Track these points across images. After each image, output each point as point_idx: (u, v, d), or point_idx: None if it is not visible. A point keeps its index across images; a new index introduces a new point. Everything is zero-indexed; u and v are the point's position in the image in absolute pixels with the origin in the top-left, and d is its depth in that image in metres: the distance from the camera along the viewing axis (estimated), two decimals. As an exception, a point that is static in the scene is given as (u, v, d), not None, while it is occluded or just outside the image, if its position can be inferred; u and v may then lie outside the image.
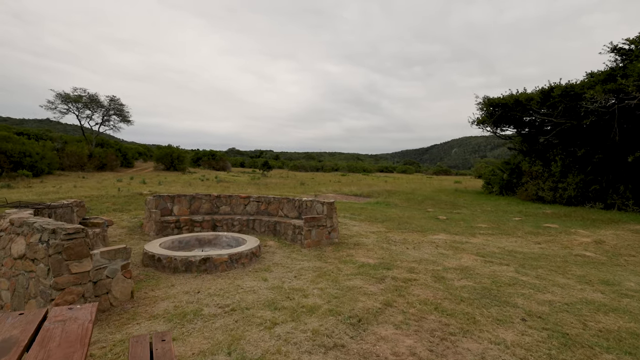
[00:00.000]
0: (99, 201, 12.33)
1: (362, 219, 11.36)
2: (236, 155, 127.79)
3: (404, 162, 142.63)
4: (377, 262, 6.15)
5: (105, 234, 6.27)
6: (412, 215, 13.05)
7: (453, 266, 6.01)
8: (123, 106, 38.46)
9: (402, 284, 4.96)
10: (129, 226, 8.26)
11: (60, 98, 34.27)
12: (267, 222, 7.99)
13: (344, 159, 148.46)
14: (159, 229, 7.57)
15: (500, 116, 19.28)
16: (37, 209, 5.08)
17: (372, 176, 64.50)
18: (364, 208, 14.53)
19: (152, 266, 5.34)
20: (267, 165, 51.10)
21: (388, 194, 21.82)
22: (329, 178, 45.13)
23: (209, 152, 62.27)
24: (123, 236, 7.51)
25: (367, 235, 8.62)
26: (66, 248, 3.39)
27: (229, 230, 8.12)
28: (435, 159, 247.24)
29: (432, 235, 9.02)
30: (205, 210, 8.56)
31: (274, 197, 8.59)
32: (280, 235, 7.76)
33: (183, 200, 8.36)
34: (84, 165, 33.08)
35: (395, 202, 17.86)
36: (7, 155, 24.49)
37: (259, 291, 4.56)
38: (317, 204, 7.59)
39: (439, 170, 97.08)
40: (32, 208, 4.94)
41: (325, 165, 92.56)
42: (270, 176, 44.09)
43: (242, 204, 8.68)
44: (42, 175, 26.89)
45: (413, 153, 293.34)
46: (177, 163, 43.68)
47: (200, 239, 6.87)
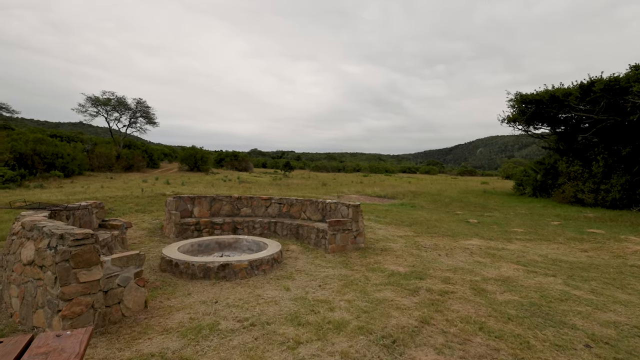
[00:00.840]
0: (122, 202, 12.40)
1: (387, 222, 10.84)
2: (258, 156, 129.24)
3: (427, 162, 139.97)
4: (408, 270, 5.66)
5: (124, 237, 6.09)
6: (440, 218, 12.41)
7: (493, 276, 5.45)
8: (149, 108, 39.38)
9: (439, 297, 4.46)
10: (150, 228, 8.12)
11: (90, 101, 35.43)
12: (289, 225, 7.64)
13: (366, 160, 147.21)
14: (178, 231, 7.37)
15: (534, 113, 18.21)
16: (54, 211, 4.92)
17: (395, 177, 63.40)
18: (389, 210, 13.98)
19: (170, 271, 5.08)
20: (288, 165, 51.13)
21: (413, 196, 21.11)
22: (350, 179, 44.57)
23: (231, 153, 63.04)
24: (143, 238, 7.35)
25: (394, 240, 8.12)
26: (74, 255, 3.13)
27: (250, 233, 7.83)
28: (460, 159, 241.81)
29: (465, 241, 8.41)
30: (226, 212, 8.31)
31: (296, 198, 8.24)
32: (303, 239, 7.39)
33: (203, 202, 8.14)
34: (112, 166, 34.04)
35: (421, 204, 17.17)
36: (41, 156, 25.42)
37: (280, 302, 4.19)
38: (341, 206, 7.17)
39: (464, 170, 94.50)
40: (48, 210, 4.79)
41: (346, 165, 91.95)
42: (292, 177, 44.01)
43: (264, 205, 8.38)
44: (73, 175, 27.78)
45: (436, 153, 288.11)
46: (201, 164, 44.34)
47: (220, 243, 6.60)
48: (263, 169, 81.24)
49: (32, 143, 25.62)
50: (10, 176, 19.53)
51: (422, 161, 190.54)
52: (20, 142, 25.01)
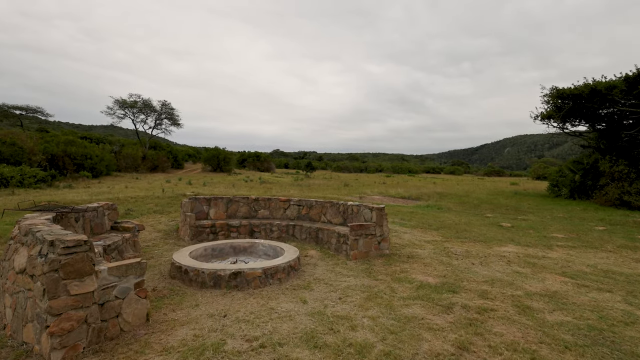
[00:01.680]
0: (143, 202, 12.36)
1: (413, 225, 10.21)
2: (280, 156, 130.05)
3: (451, 162, 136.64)
4: (438, 281, 5.08)
5: (136, 239, 5.83)
6: (470, 221, 11.63)
7: (537, 291, 4.79)
8: (173, 110, 40.10)
9: (477, 315, 3.88)
10: (165, 230, 7.89)
11: (118, 104, 36.42)
12: (309, 229, 7.20)
13: (388, 160, 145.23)
14: (193, 233, 7.07)
15: (571, 109, 16.97)
16: (61, 213, 4.69)
17: (419, 177, 61.92)
18: (414, 212, 13.29)
19: (179, 278, 4.74)
20: (310, 166, 50.87)
21: (439, 197, 20.23)
22: (373, 179, 43.74)
23: (253, 153, 63.50)
24: (157, 240, 7.11)
25: (421, 246, 7.52)
26: (64, 265, 2.80)
27: (267, 236, 7.44)
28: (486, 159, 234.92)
29: (499, 247, 7.69)
30: (243, 214, 7.97)
31: (315, 200, 7.79)
32: (323, 243, 6.92)
33: (220, 203, 7.83)
34: (138, 166, 34.82)
35: (448, 206, 16.34)
36: (71, 157, 26.23)
37: (295, 318, 3.74)
38: (364, 209, 6.66)
39: (491, 171, 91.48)
40: (55, 212, 4.55)
41: (369, 166, 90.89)
42: (314, 177, 43.68)
43: (282, 207, 7.98)
44: (101, 176, 28.54)
45: (461, 153, 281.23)
46: (224, 164, 44.76)
47: (235, 247, 6.24)
48: (285, 169, 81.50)
49: (63, 145, 26.49)
50: (42, 177, 20.15)
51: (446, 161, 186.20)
52: (52, 144, 25.91)
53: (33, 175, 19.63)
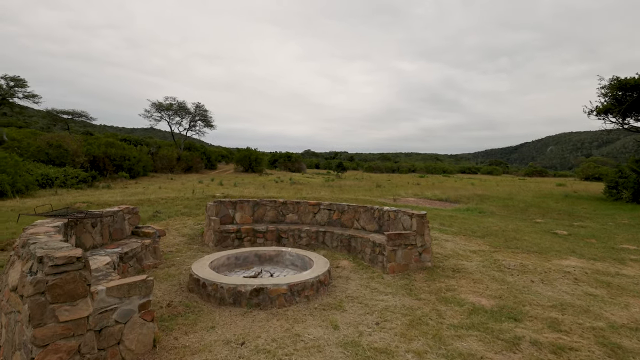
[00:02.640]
0: (173, 203, 12.28)
1: (455, 232, 9.30)
2: (311, 157, 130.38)
3: (488, 162, 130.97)
4: (494, 304, 4.29)
5: (156, 246, 5.48)
6: (518, 227, 10.51)
7: (624, 322, 3.88)
8: (207, 112, 40.89)
9: (553, 357, 3.09)
10: (190, 234, 7.57)
11: (155, 107, 37.62)
12: (340, 236, 6.58)
13: (421, 160, 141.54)
14: (218, 239, 6.67)
15: (635, 102, 15.15)
16: (77, 219, 4.37)
17: (454, 178, 59.45)
18: (454, 216, 12.30)
19: (197, 292, 4.29)
20: (341, 166, 50.21)
21: (480, 199, 18.89)
22: (406, 180, 42.33)
23: (284, 154, 63.76)
24: (181, 246, 6.77)
25: (467, 257, 6.68)
26: (51, 286, 2.36)
27: (295, 243, 6.91)
28: (526, 158, 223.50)
29: (560, 260, 6.68)
30: (270, 218, 7.48)
31: (347, 204, 7.15)
32: (356, 253, 6.28)
33: (246, 207, 7.40)
34: (173, 167, 35.75)
35: (491, 210, 15.12)
36: (111, 159, 27.26)
37: (325, 349, 3.14)
38: (403, 215, 5.94)
39: (532, 171, 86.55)
40: (68, 218, 4.24)
41: (401, 166, 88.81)
42: (345, 178, 42.96)
43: (311, 212, 7.42)
44: (138, 177, 29.48)
45: (499, 152, 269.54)
46: (255, 165, 45.10)
47: (260, 255, 5.74)
48: (316, 169, 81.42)
49: (104, 147, 27.59)
50: (83, 177, 20.96)
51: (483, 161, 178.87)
52: (94, 146, 27.04)
53: (75, 176, 20.43)
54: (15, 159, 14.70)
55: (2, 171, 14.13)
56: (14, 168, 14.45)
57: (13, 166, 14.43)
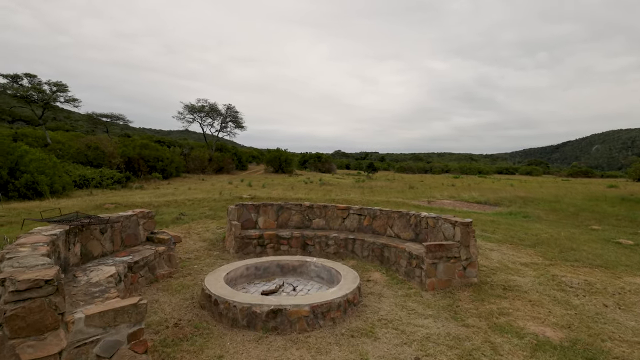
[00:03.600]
0: (199, 205, 12.09)
1: (499, 240, 8.35)
2: (342, 157, 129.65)
3: (527, 162, 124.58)
4: (563, 337, 3.49)
5: (171, 253, 5.09)
6: (573, 235, 9.34)
7: None
8: (237, 113, 41.31)
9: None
10: (212, 239, 7.18)
11: (188, 109, 38.46)
12: (372, 245, 5.92)
13: (455, 160, 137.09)
14: (239, 245, 6.21)
15: None
16: (81, 225, 4.01)
17: (491, 178, 56.65)
18: (496, 221, 11.23)
19: (209, 309, 3.81)
20: (372, 167, 49.21)
21: (523, 202, 17.46)
22: (440, 181, 40.66)
23: (314, 154, 63.49)
24: (201, 252, 6.37)
25: (518, 270, 5.80)
26: (10, 318, 1.92)
27: (321, 251, 6.32)
28: (569, 158, 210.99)
29: (633, 278, 5.65)
30: (295, 223, 6.95)
31: (380, 209, 6.47)
32: (390, 264, 5.59)
33: (269, 211, 6.91)
34: (204, 168, 36.36)
35: (537, 214, 13.80)
36: (145, 160, 28.02)
37: (354, 395, 2.52)
38: (444, 223, 5.19)
39: (577, 171, 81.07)
40: (69, 224, 3.87)
41: (434, 166, 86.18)
42: (376, 178, 41.93)
43: (340, 217, 6.80)
44: (171, 177, 30.12)
45: (538, 152, 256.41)
46: (285, 166, 45.08)
47: (283, 266, 5.21)
48: (346, 170, 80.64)
49: (139, 148, 28.39)
50: (118, 178, 21.55)
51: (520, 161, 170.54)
52: (129, 148, 27.89)
53: (110, 177, 21.04)
54: (54, 161, 15.19)
55: (41, 172, 14.63)
56: (53, 169, 14.90)
57: (51, 168, 14.89)
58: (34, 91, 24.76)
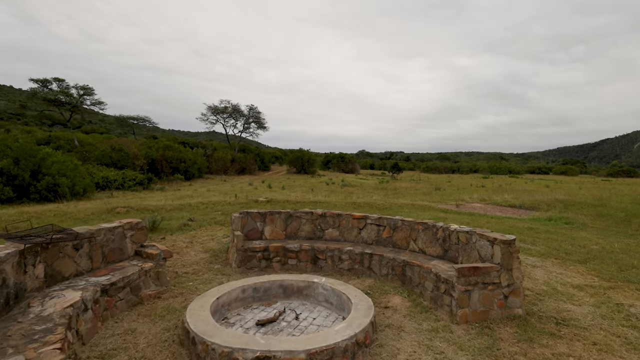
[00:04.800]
0: (213, 209, 11.61)
1: (542, 253, 7.27)
2: (366, 157, 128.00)
3: (562, 161, 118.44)
4: (652, 407, 2.55)
5: (160, 270, 4.48)
6: (629, 247, 8.08)
7: None
8: (260, 114, 41.15)
9: None
10: (215, 249, 6.57)
11: (211, 110, 38.65)
12: (392, 262, 5.08)
13: (484, 159, 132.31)
14: (241, 259, 5.55)
15: None
16: (45, 242, 3.43)
17: (524, 179, 53.76)
18: (535, 229, 10.05)
19: (187, 348, 3.14)
20: (396, 167, 47.84)
21: (562, 206, 15.93)
22: (468, 181, 38.78)
23: (338, 155, 62.65)
24: (200, 265, 5.76)
25: (571, 296, 4.80)
26: None
27: (334, 266, 5.55)
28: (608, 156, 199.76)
29: None
30: (306, 233, 6.21)
31: (402, 219, 5.62)
32: (413, 286, 4.75)
33: (277, 220, 6.20)
34: (227, 169, 36.37)
35: (581, 220, 12.39)
36: (168, 161, 28.21)
37: None
38: (479, 239, 4.29)
39: (617, 170, 75.87)
40: (26, 243, 3.29)
41: (461, 166, 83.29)
42: (400, 179, 40.58)
43: (356, 227, 6.00)
44: (193, 179, 30.21)
45: (574, 150, 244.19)
46: (307, 166, 44.52)
47: (286, 287, 4.49)
48: (371, 170, 79.30)
49: (162, 150, 28.60)
50: (140, 180, 21.64)
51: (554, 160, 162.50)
52: (153, 149, 28.15)
53: (133, 179, 21.14)
54: (75, 163, 15.24)
55: (62, 175, 14.68)
56: (74, 172, 14.93)
57: (73, 170, 14.93)
58: (62, 95, 25.41)
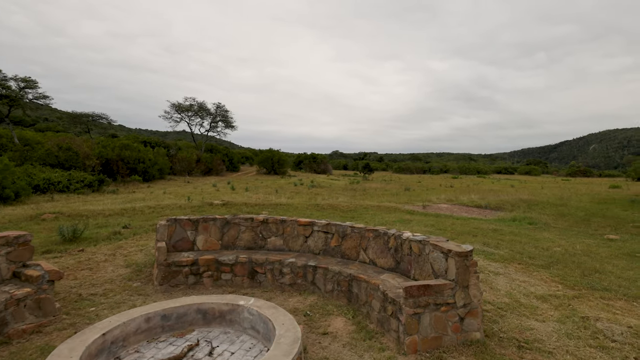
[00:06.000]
0: (159, 213, 10.55)
1: (505, 257, 6.85)
2: (340, 157, 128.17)
3: (526, 162, 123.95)
4: None
5: (42, 297, 3.55)
6: (590, 249, 7.86)
7: None
8: (227, 112, 39.74)
9: None
10: (140, 263, 5.64)
11: (175, 108, 36.85)
12: (337, 276, 4.39)
13: (454, 160, 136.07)
14: (164, 275, 4.69)
15: None
16: None
17: (491, 179, 55.30)
18: (499, 230, 9.74)
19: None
20: (368, 167, 47.72)
21: (526, 206, 15.98)
22: (438, 182, 39.18)
23: (310, 155, 61.96)
24: (116, 283, 4.83)
25: (534, 309, 4.29)
26: None
27: (274, 281, 4.80)
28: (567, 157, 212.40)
29: (690, 318, 4.14)
30: (246, 243, 5.42)
31: (351, 226, 4.94)
32: (360, 304, 4.07)
33: (212, 227, 5.37)
34: (192, 170, 34.73)
35: (544, 220, 12.31)
36: (125, 161, 26.39)
37: None
38: (433, 251, 3.67)
39: (575, 170, 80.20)
40: None
41: (432, 166, 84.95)
42: (372, 179, 40.40)
43: (302, 235, 5.28)
44: (153, 180, 28.49)
45: (536, 151, 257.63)
46: (278, 167, 43.51)
47: (205, 312, 3.68)
48: (344, 170, 79.17)
49: (118, 149, 26.73)
50: (89, 181, 19.93)
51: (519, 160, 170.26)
52: (108, 149, 26.24)
53: (80, 180, 19.42)
54: (5, 163, 13.60)
55: (-12, 177, 13.04)
56: (3, 173, 13.31)
57: (2, 171, 13.30)
58: (-2, 87, 23.08)
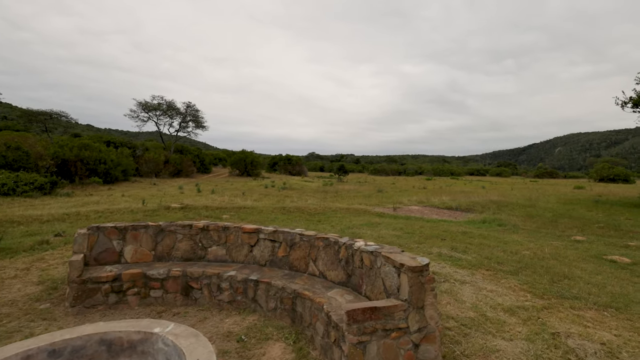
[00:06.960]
0: (106, 219, 9.61)
1: (473, 263, 6.48)
2: (316, 159, 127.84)
3: (497, 163, 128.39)
4: None
5: None
6: (558, 252, 7.65)
7: None
8: (198, 112, 38.37)
9: None
10: (58, 279, 4.83)
11: (141, 106, 35.17)
12: (281, 292, 3.80)
13: (429, 162, 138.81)
14: (76, 294, 3.94)
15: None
16: None
17: (463, 180, 56.46)
18: (469, 233, 9.45)
19: None
20: (343, 169, 47.44)
21: (496, 207, 15.96)
22: (412, 183, 39.38)
23: (285, 157, 61.16)
24: (19, 305, 4.03)
25: (501, 324, 3.86)
26: None
27: (212, 298, 4.15)
28: (534, 159, 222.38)
29: (662, 330, 3.83)
30: (183, 253, 4.73)
31: (300, 234, 4.36)
32: (304, 326, 3.49)
33: (143, 236, 4.65)
34: (159, 171, 33.20)
35: (513, 222, 12.20)
36: (84, 162, 24.74)
37: None
38: (385, 265, 3.14)
39: (542, 172, 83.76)
40: None
41: (407, 168, 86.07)
42: (347, 181, 40.10)
43: (247, 243, 4.65)
44: (117, 182, 26.92)
45: (507, 154, 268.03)
46: (251, 168, 42.52)
47: (111, 343, 3.00)
48: (320, 172, 78.81)
49: (77, 149, 25.05)
50: (40, 184, 18.41)
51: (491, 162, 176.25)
52: (65, 149, 24.53)
53: (30, 182, 17.88)
54: None
55: None
56: None
57: None
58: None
